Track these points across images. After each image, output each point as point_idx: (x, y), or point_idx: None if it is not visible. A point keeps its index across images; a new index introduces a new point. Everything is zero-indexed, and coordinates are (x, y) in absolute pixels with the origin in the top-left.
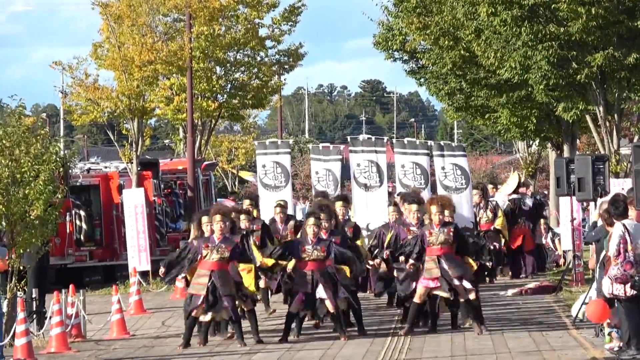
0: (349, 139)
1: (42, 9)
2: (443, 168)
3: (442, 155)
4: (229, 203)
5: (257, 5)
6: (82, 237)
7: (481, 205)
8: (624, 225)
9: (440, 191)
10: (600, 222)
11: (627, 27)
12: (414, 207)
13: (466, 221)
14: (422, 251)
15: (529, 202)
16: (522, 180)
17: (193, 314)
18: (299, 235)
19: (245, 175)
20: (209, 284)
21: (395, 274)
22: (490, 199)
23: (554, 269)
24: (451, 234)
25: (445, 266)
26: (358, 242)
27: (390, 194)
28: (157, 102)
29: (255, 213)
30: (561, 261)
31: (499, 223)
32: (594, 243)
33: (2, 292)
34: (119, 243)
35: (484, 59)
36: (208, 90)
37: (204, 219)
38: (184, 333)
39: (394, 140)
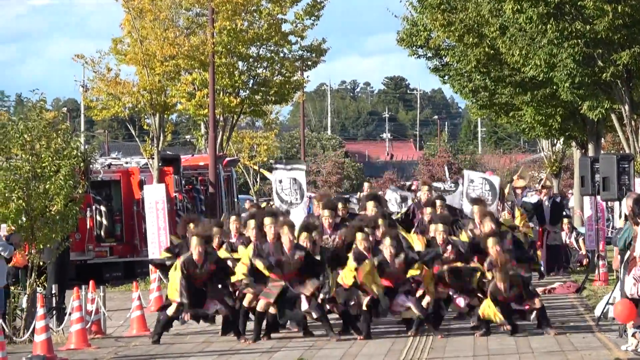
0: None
1: (62, 2)
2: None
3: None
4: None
5: (280, 0)
6: (102, 233)
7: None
8: None
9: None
10: (626, 225)
11: None
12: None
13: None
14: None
15: (531, 200)
16: (527, 182)
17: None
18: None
19: (267, 173)
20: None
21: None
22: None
23: (578, 268)
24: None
25: None
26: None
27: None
28: (179, 98)
29: None
30: (585, 261)
31: (518, 222)
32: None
33: (22, 288)
34: (140, 239)
35: (509, 56)
36: (230, 86)
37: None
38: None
39: None
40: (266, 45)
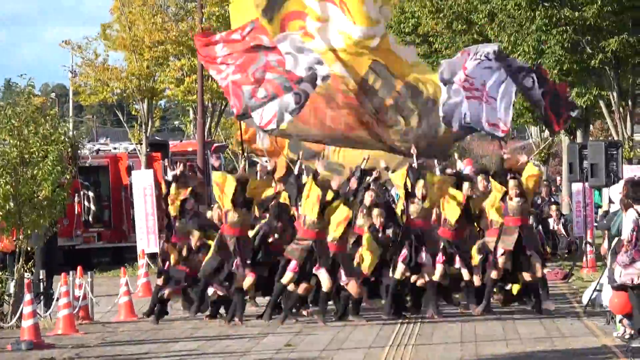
0: None
1: None
2: None
3: None
4: None
5: None
6: (90, 219)
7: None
8: (638, 212)
9: None
10: (612, 209)
11: None
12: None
13: None
14: None
15: None
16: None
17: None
18: None
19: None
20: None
21: None
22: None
23: (566, 255)
24: None
25: None
26: None
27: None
28: (167, 83)
29: None
30: (573, 248)
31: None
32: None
33: (9, 274)
34: (128, 225)
35: (498, 43)
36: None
37: None
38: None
39: None
40: None
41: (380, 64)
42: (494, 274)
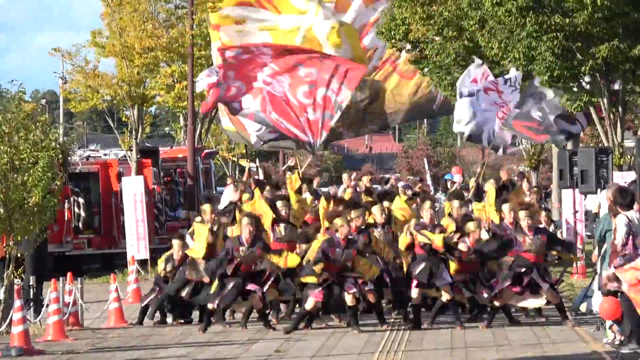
0: None
1: None
2: None
3: None
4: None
5: None
6: (80, 225)
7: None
8: (627, 217)
9: None
10: (602, 214)
11: (633, 19)
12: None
13: None
14: None
15: None
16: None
17: None
18: None
19: (244, 162)
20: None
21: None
22: None
23: (556, 261)
24: None
25: None
26: None
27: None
28: (158, 90)
29: None
30: None
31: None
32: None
33: None
34: (118, 231)
35: (488, 49)
36: None
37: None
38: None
39: None
40: None
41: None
42: (497, 303)
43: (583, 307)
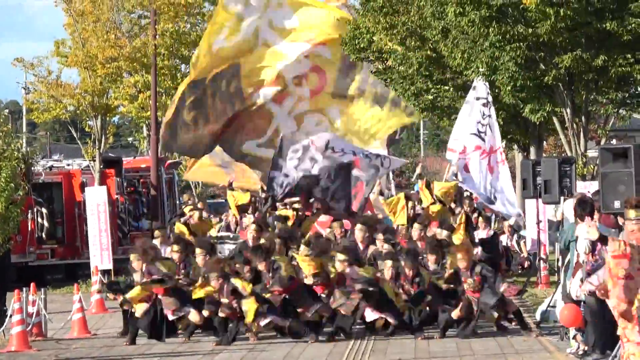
0: None
1: (5, 4)
2: None
3: None
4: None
5: None
6: (43, 235)
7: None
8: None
9: None
10: (567, 223)
11: (596, 29)
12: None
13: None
14: None
15: None
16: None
17: None
18: None
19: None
20: None
21: None
22: None
23: (519, 271)
24: None
25: None
26: None
27: None
28: (121, 100)
29: None
30: (526, 264)
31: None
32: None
33: None
34: (81, 241)
35: (451, 59)
36: (173, 88)
37: None
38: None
39: None
40: None
41: None
42: (455, 314)
43: (538, 317)
